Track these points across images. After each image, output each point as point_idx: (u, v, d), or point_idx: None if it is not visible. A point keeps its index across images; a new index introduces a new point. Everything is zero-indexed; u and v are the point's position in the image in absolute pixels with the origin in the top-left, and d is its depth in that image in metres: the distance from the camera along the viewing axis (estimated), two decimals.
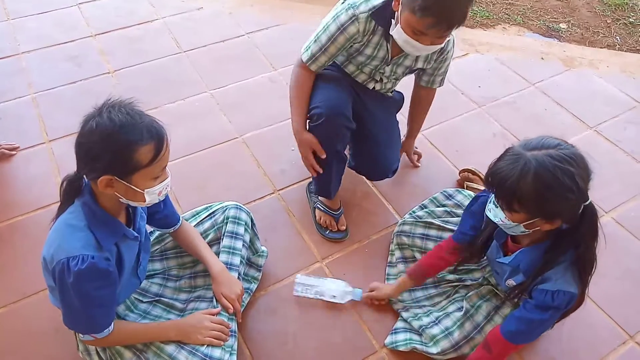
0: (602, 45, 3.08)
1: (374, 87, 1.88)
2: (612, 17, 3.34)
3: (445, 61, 1.84)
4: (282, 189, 2.08)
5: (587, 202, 1.21)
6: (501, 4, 3.39)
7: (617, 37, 3.16)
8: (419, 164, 2.20)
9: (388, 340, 1.63)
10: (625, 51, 3.04)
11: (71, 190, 1.22)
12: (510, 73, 2.76)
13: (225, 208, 1.66)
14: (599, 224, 1.25)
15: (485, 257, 1.58)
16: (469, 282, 1.67)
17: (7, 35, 2.75)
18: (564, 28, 3.21)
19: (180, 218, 1.57)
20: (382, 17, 1.60)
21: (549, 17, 3.31)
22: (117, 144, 1.12)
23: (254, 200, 2.03)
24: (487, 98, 2.59)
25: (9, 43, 2.70)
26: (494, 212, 1.29)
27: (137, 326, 1.41)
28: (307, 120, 1.78)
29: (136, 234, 1.32)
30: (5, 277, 1.71)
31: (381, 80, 1.85)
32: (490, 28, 3.17)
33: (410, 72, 1.87)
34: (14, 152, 2.13)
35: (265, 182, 2.11)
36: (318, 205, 1.96)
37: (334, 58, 1.74)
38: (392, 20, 1.58)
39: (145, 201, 1.21)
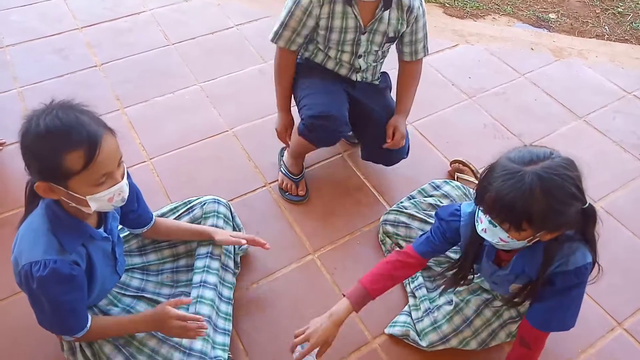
0: (591, 35, 3.09)
1: (356, 79, 1.88)
2: (601, 7, 3.35)
3: (418, 21, 1.79)
4: (273, 182, 2.07)
5: (586, 205, 1.18)
6: None
7: (606, 27, 3.17)
8: (393, 143, 1.86)
9: (392, 321, 1.65)
10: (614, 41, 3.06)
11: (33, 193, 1.18)
12: (500, 64, 2.77)
13: (203, 203, 1.67)
14: (598, 219, 1.23)
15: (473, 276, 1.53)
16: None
17: None
18: (553, 18, 3.21)
19: (154, 216, 1.55)
20: None
21: (538, 7, 3.31)
22: (43, 151, 1.07)
23: (245, 194, 2.02)
24: (477, 89, 2.59)
25: None
26: (492, 232, 1.21)
27: (111, 321, 1.39)
28: (301, 120, 1.80)
29: (106, 235, 1.29)
30: None
31: (360, 68, 1.86)
32: (480, 18, 3.16)
33: (388, 42, 1.82)
34: (0, 148, 2.10)
35: (256, 175, 2.10)
36: (282, 169, 2.03)
37: (299, 34, 1.75)
38: None
39: (91, 207, 1.15)
